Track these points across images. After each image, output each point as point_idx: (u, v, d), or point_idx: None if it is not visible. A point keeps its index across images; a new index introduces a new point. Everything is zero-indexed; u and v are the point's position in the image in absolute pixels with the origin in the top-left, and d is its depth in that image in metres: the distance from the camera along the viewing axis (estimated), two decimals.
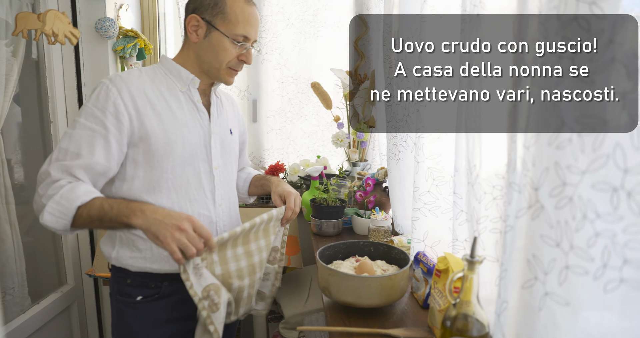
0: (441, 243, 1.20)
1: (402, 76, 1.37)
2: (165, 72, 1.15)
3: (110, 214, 0.96)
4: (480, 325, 0.86)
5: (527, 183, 0.70)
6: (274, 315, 2.10)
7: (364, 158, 2.23)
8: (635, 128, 0.53)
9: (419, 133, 1.17)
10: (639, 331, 0.54)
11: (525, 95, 0.71)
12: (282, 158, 2.37)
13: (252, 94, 2.31)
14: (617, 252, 0.56)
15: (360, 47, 2.34)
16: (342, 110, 2.30)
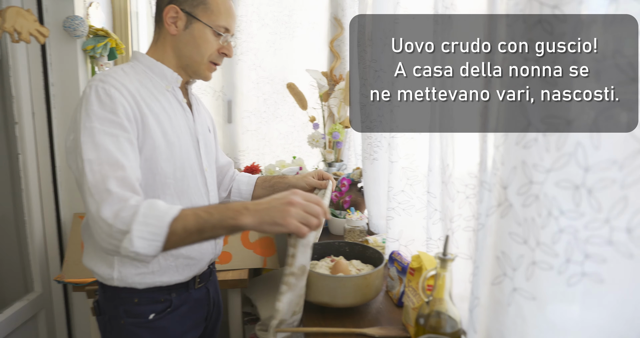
0: (415, 241, 1.21)
1: (376, 76, 1.39)
2: (145, 70, 1.08)
3: (212, 221, 0.84)
4: (453, 321, 0.87)
5: (496, 182, 0.72)
6: (250, 317, 2.09)
7: (339, 158, 2.24)
8: (595, 125, 0.55)
9: (393, 133, 1.18)
10: (598, 322, 0.56)
11: (495, 95, 0.72)
12: (258, 159, 2.36)
13: (227, 94, 2.29)
14: (579, 247, 0.58)
15: (336, 47, 2.35)
16: (317, 111, 2.31)
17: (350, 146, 2.26)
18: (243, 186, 1.39)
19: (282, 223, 0.82)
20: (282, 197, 0.85)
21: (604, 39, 0.54)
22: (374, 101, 1.41)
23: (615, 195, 0.52)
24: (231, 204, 0.87)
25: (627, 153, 0.51)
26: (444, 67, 0.93)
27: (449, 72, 0.92)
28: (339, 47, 2.36)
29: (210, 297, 1.24)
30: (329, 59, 2.39)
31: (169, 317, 1.09)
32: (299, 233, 0.84)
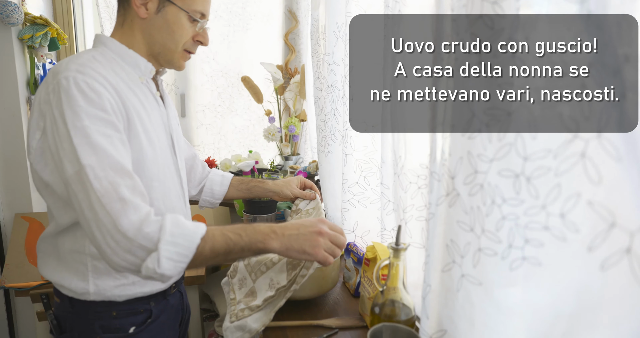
0: (371, 232, 1.24)
1: (329, 69, 1.39)
2: (114, 58, 0.94)
3: (241, 244, 0.81)
4: (407, 309, 0.90)
5: (445, 172, 0.74)
6: (209, 314, 2.06)
7: (296, 151, 2.24)
8: (532, 116, 0.58)
9: (347, 126, 1.19)
10: (537, 301, 0.60)
11: (444, 91, 0.74)
12: (213, 153, 2.32)
13: (179, 88, 2.23)
14: (519, 233, 0.61)
15: (291, 41, 2.34)
16: (273, 104, 2.29)
17: (306, 140, 2.27)
18: (216, 187, 1.31)
19: (311, 253, 0.85)
20: (311, 226, 0.87)
21: (541, 36, 0.57)
22: (328, 95, 1.42)
23: (550, 182, 0.55)
24: (259, 227, 0.85)
25: (560, 142, 0.54)
26: (395, 64, 0.95)
27: (400, 71, 0.93)
28: (294, 40, 2.35)
29: (183, 300, 1.18)
30: (284, 52, 2.37)
31: (150, 329, 1.01)
32: (324, 263, 0.86)
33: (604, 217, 0.50)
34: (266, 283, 1.06)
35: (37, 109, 0.85)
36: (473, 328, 0.72)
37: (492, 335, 0.68)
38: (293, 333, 1.00)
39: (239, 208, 1.90)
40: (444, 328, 0.79)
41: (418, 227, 0.97)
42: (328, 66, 1.40)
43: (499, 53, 0.62)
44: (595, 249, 0.51)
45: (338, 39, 1.29)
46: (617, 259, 0.48)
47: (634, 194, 0.46)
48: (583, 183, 0.52)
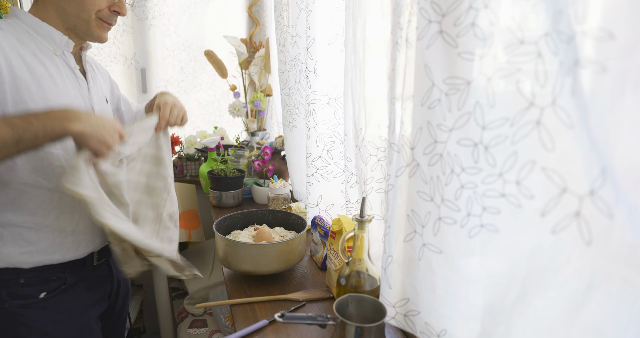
0: (335, 206, 1.24)
1: (293, 42, 1.36)
2: (27, 31, 0.95)
3: (33, 128, 0.79)
4: (372, 279, 0.91)
5: (404, 143, 0.74)
6: (178, 292, 2.06)
7: (262, 127, 2.21)
8: (490, 85, 0.58)
9: (309, 99, 1.18)
10: (495, 267, 0.62)
11: (402, 58, 0.74)
12: (178, 130, 2.26)
13: (139, 62, 2.14)
14: (477, 201, 0.62)
15: (255, 13, 2.27)
16: (238, 79, 2.24)
17: (272, 115, 2.23)
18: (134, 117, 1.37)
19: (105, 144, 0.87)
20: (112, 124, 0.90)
21: (499, 3, 0.56)
22: (292, 68, 1.39)
23: (507, 150, 0.56)
24: (55, 110, 0.84)
25: (517, 110, 0.54)
26: (355, 30, 0.94)
27: (362, 37, 0.92)
28: (258, 13, 2.28)
29: (112, 272, 1.18)
30: (248, 25, 2.30)
31: (63, 295, 1.03)
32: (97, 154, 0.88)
33: (556, 183, 0.51)
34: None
35: None
36: (435, 295, 0.74)
37: (453, 300, 0.71)
38: (261, 308, 1.00)
39: (205, 185, 1.87)
40: (406, 296, 0.81)
41: (378, 199, 0.97)
42: (291, 39, 1.37)
43: (458, 21, 0.61)
44: (548, 214, 0.52)
45: (301, 11, 1.25)
46: (567, 223, 0.50)
47: (584, 159, 0.47)
48: (538, 150, 0.53)
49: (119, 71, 2.11)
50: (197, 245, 2.14)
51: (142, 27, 2.08)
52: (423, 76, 0.67)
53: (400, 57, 0.73)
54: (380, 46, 0.88)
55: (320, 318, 0.81)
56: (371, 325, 0.75)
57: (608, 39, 0.44)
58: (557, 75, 0.49)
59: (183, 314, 1.84)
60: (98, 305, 1.13)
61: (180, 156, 2.17)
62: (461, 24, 0.61)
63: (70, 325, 1.04)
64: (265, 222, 1.29)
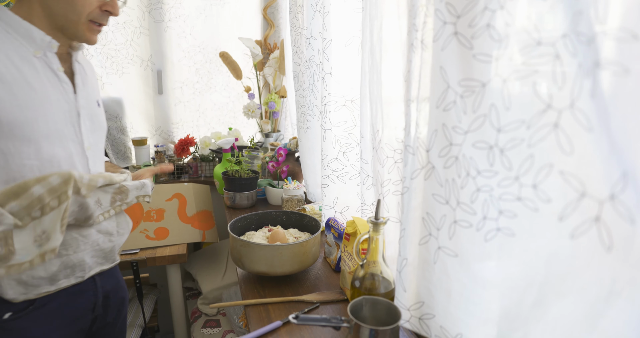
0: (350, 208, 1.24)
1: (307, 44, 1.36)
2: (6, 30, 0.87)
3: None
4: (387, 282, 0.91)
5: (419, 145, 0.74)
6: (192, 292, 2.07)
7: (276, 128, 2.22)
8: (506, 87, 0.57)
9: (325, 101, 1.18)
10: (511, 272, 0.61)
11: (417, 60, 0.73)
12: (193, 131, 2.28)
13: (156, 64, 2.17)
14: (493, 204, 0.61)
15: (270, 15, 2.28)
16: (252, 80, 2.25)
17: (286, 116, 2.24)
18: None
19: None
20: None
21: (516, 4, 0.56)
22: (306, 70, 1.39)
23: (523, 153, 0.55)
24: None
25: (534, 112, 0.53)
26: (372, 32, 0.93)
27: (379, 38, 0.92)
28: (273, 14, 2.29)
29: (97, 285, 1.07)
30: (262, 27, 2.31)
31: (32, 316, 0.93)
32: None
33: (575, 187, 0.50)
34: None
35: None
36: (450, 298, 0.73)
37: (468, 305, 0.70)
38: (274, 309, 1.01)
39: (219, 186, 1.89)
40: (421, 300, 0.80)
41: (394, 201, 0.97)
42: (306, 40, 1.37)
43: (474, 23, 0.60)
44: (566, 218, 0.51)
45: (316, 13, 1.25)
46: (587, 228, 0.49)
47: (604, 163, 0.46)
48: (555, 154, 0.52)
49: (136, 73, 2.14)
50: (211, 245, 2.15)
51: (159, 29, 2.11)
52: (438, 78, 0.67)
53: (415, 59, 0.73)
54: (397, 48, 0.88)
55: (334, 320, 0.81)
56: (386, 328, 0.74)
57: (631, 39, 0.43)
58: (575, 77, 0.48)
59: (197, 314, 1.86)
60: (78, 321, 1.04)
61: (194, 157, 2.20)
62: (476, 25, 0.60)
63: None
64: (280, 223, 1.29)
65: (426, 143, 0.72)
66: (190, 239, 1.77)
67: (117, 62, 2.08)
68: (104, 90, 2.06)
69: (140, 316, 1.78)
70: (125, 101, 2.13)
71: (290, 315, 0.82)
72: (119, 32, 2.05)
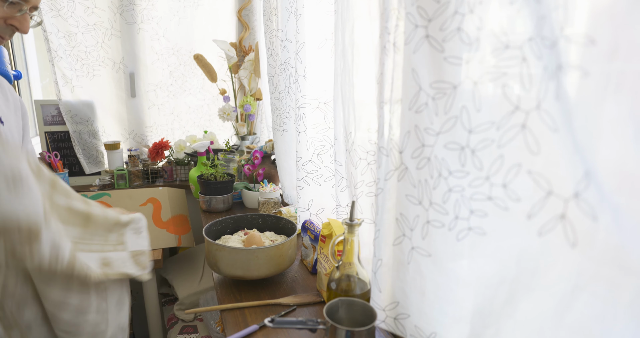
0: (325, 210, 1.24)
1: (282, 46, 1.36)
2: None
3: None
4: (362, 283, 0.91)
5: (393, 147, 0.75)
6: (168, 298, 2.03)
7: (252, 131, 2.21)
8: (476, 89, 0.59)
9: (299, 103, 1.18)
10: (483, 270, 0.62)
11: (390, 62, 0.74)
12: (167, 134, 2.25)
13: (128, 67, 2.13)
14: (465, 204, 0.62)
15: (244, 17, 2.27)
16: (227, 83, 2.24)
17: (262, 119, 2.23)
18: None
19: None
20: None
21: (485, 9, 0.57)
22: (282, 73, 1.39)
23: (493, 154, 0.57)
24: None
25: (503, 114, 0.55)
26: (344, 35, 0.94)
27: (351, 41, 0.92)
28: (248, 17, 2.28)
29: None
30: (237, 30, 2.30)
31: None
32: None
33: (542, 186, 0.51)
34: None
35: None
36: (424, 298, 0.74)
37: (442, 304, 0.71)
38: (251, 313, 1.00)
39: (195, 190, 1.86)
40: (396, 300, 0.81)
41: (368, 203, 0.98)
42: (281, 43, 1.37)
43: (444, 26, 0.61)
44: (534, 216, 0.52)
45: (290, 15, 1.25)
46: (553, 225, 0.50)
47: (568, 162, 0.47)
48: (523, 154, 0.53)
49: (108, 75, 2.10)
50: (187, 250, 2.12)
51: (131, 31, 2.07)
52: (410, 80, 0.68)
53: (388, 62, 0.74)
54: (369, 50, 0.88)
55: (310, 322, 0.81)
56: (361, 329, 0.75)
57: (590, 44, 0.45)
58: (541, 79, 0.50)
59: (173, 320, 1.83)
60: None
61: (169, 160, 2.16)
62: (447, 28, 0.61)
63: None
64: (256, 226, 1.29)
65: (399, 145, 0.73)
66: (165, 244, 1.74)
67: (88, 65, 2.03)
68: (73, 93, 2.01)
69: None
70: (96, 104, 2.08)
71: (266, 319, 0.82)
72: (89, 33, 2.00)
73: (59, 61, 1.95)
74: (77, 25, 1.96)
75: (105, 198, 1.77)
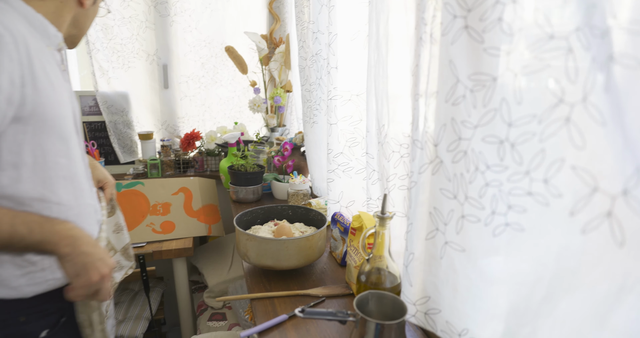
0: (356, 202, 1.24)
1: (314, 38, 1.35)
2: (19, 19, 0.80)
3: (30, 239, 0.74)
4: (393, 277, 0.91)
5: (428, 140, 0.73)
6: (198, 285, 2.08)
7: (282, 123, 2.22)
8: (517, 81, 0.57)
9: (331, 95, 1.17)
10: (519, 267, 0.60)
11: (426, 54, 0.73)
12: (198, 125, 2.28)
13: (161, 58, 2.17)
14: (502, 199, 0.60)
15: (275, 9, 2.27)
16: (258, 75, 2.25)
17: (292, 111, 2.24)
18: None
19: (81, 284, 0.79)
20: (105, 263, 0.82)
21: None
22: (313, 64, 1.39)
23: (534, 148, 0.55)
24: (56, 225, 0.79)
25: (545, 107, 0.53)
26: (379, 26, 0.93)
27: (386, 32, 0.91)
28: (279, 9, 2.28)
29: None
30: (268, 22, 2.30)
31: (63, 330, 0.93)
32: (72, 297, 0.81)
33: (587, 182, 0.49)
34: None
35: None
36: (456, 293, 0.73)
37: (475, 300, 0.70)
38: (280, 303, 1.01)
39: (225, 180, 1.89)
40: (427, 294, 0.80)
41: (400, 196, 0.97)
42: (312, 35, 1.36)
43: (484, 16, 0.60)
44: (577, 213, 0.51)
45: (322, 6, 1.25)
46: (598, 223, 0.48)
47: (617, 158, 0.45)
48: (567, 148, 0.51)
49: (142, 67, 2.14)
50: (216, 239, 2.16)
51: (164, 24, 2.11)
52: (447, 72, 0.66)
53: (424, 53, 0.72)
54: (404, 42, 0.87)
55: (340, 314, 0.81)
56: (392, 322, 0.74)
57: None
58: (589, 71, 0.48)
59: (203, 307, 1.87)
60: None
61: (200, 151, 2.20)
62: (487, 18, 0.59)
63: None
64: (285, 217, 1.30)
65: (434, 138, 0.72)
66: (196, 233, 1.77)
67: (123, 57, 2.08)
68: (110, 84, 2.06)
69: (147, 309, 1.80)
70: (131, 95, 2.13)
71: (296, 309, 0.82)
72: (125, 26, 2.05)
73: (97, 53, 2.00)
74: (113, 18, 2.01)
75: (138, 186, 1.82)
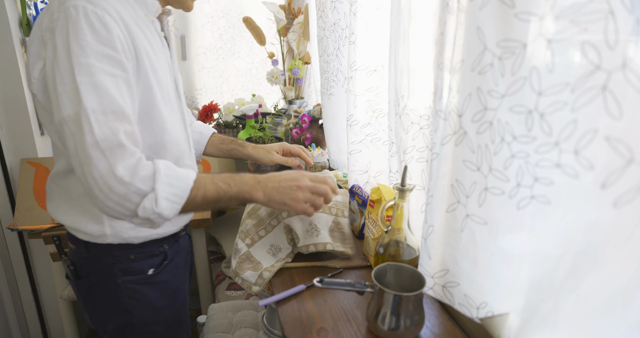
0: (383, 173, 1.22)
1: (333, 8, 1.31)
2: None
3: (230, 193, 0.84)
4: (411, 249, 0.90)
5: (451, 110, 0.71)
6: (216, 256, 2.12)
7: (300, 95, 2.19)
8: (550, 48, 0.54)
9: (355, 66, 1.14)
10: (544, 241, 0.59)
11: (452, 21, 0.69)
12: (216, 97, 2.28)
13: (179, 29, 2.15)
14: (529, 171, 0.58)
15: None
16: (276, 46, 2.21)
17: (310, 83, 2.21)
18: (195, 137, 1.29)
19: (291, 205, 0.87)
20: (292, 179, 0.88)
21: None
22: (331, 34, 1.35)
23: (565, 118, 0.52)
24: (245, 178, 0.87)
25: (580, 75, 0.50)
26: None
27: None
28: None
29: (191, 243, 1.22)
30: None
31: (166, 270, 1.05)
32: (306, 214, 0.90)
33: (622, 153, 0.47)
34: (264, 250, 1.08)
35: (39, 36, 0.79)
36: (476, 267, 0.72)
37: (496, 274, 0.69)
38: (298, 273, 1.02)
39: None
40: (446, 267, 0.80)
41: (418, 169, 0.95)
42: (331, 4, 1.32)
43: None
44: (610, 186, 0.49)
45: None
46: (632, 196, 0.46)
47: None
48: (601, 118, 0.49)
49: None
50: (234, 211, 2.19)
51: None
52: (474, 40, 0.63)
53: (450, 20, 0.69)
54: (427, 11, 0.83)
55: (358, 285, 0.81)
56: (410, 294, 0.74)
57: None
58: (630, 35, 0.45)
59: (221, 277, 1.91)
60: (187, 278, 1.18)
61: (218, 123, 2.20)
62: None
63: (174, 300, 1.09)
64: None
65: (458, 108, 0.69)
66: None
67: None
68: None
69: None
70: None
71: (314, 279, 0.83)
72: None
73: None
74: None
75: None
